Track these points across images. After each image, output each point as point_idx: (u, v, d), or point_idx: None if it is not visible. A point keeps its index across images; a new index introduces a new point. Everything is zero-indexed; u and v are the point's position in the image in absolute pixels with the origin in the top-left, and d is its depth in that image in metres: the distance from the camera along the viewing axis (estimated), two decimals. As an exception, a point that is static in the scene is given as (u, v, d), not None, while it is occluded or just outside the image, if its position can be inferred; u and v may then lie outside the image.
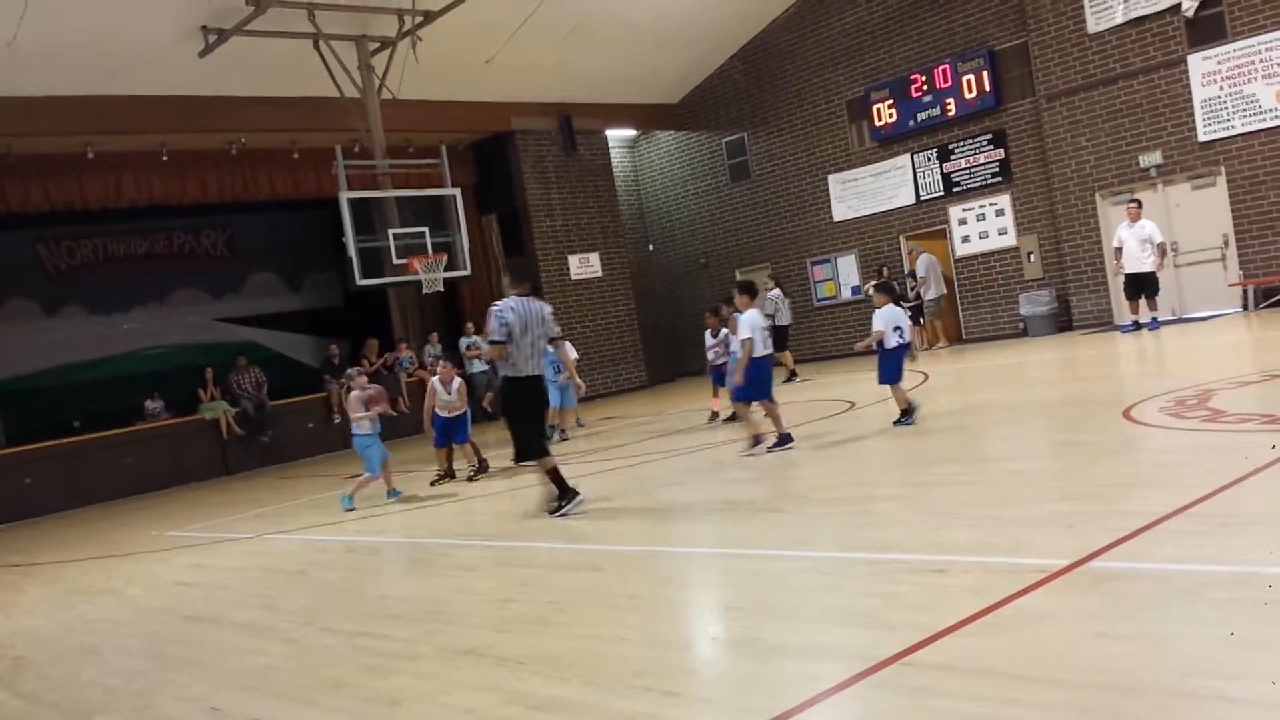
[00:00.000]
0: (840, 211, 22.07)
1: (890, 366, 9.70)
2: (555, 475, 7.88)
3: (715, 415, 12.91)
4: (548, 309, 8.18)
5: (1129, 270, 16.02)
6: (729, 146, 24.04)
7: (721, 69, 23.61)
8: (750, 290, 9.60)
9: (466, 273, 17.04)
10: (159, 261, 21.49)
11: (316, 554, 8.49)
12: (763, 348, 9.37)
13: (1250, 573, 4.04)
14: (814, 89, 22.03)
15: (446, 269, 16.37)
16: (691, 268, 25.09)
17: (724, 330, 12.46)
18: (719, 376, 12.60)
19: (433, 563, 7.34)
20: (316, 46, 16.21)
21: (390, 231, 15.81)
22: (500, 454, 11.34)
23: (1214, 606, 3.76)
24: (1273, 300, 16.07)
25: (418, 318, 22.24)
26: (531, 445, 7.95)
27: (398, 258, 15.80)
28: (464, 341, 19.34)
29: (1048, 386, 12.18)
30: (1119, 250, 16.20)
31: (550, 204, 22.41)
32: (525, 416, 8.02)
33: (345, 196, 15.57)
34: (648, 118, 24.49)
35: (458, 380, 11.48)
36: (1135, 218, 16.10)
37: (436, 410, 11.35)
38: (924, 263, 19.71)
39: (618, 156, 25.51)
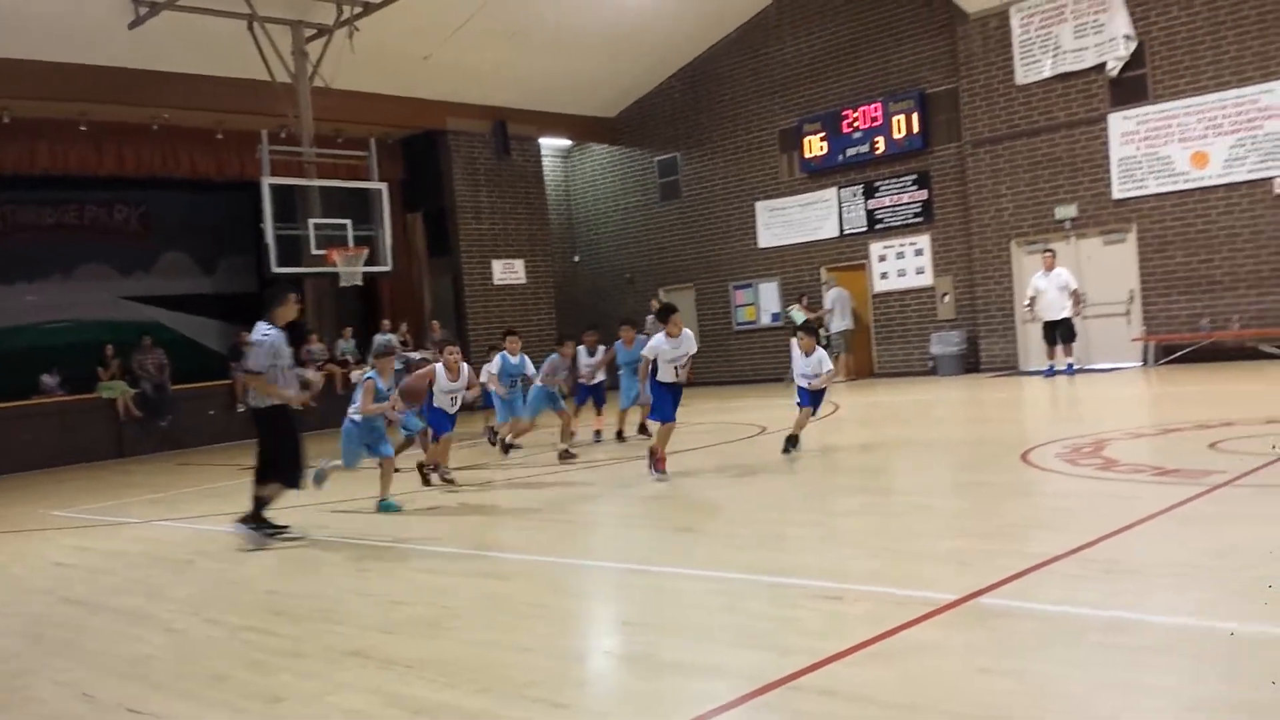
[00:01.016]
0: (766, 238, 22.33)
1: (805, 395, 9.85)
2: (265, 503, 7.75)
3: (600, 434, 12.99)
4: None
5: (1047, 318, 16.46)
6: (661, 165, 24.18)
7: (660, 87, 23.76)
8: (665, 315, 9.26)
9: (387, 269, 16.84)
10: (67, 233, 20.76)
11: (207, 544, 8.27)
12: (671, 376, 9.05)
13: (1129, 619, 4.17)
14: (749, 116, 22.29)
15: (367, 264, 16.16)
16: (617, 282, 25.14)
17: (601, 348, 12.75)
18: (586, 396, 12.82)
19: (327, 560, 7.20)
20: (251, 28, 15.91)
21: (311, 221, 15.56)
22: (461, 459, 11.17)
23: (1094, 649, 3.86)
24: (1172, 357, 16.66)
25: (333, 311, 21.88)
26: (281, 470, 7.71)
27: (317, 248, 15.55)
28: (380, 338, 19.08)
29: (954, 426, 12.45)
30: (1033, 299, 16.64)
31: (478, 206, 22.29)
32: (279, 441, 7.71)
33: (268, 182, 15.29)
34: (583, 129, 24.52)
35: (466, 368, 10.14)
36: (1050, 266, 16.58)
37: (435, 403, 9.93)
38: (832, 296, 20.10)
39: (550, 165, 25.49)
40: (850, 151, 20.58)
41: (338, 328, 20.95)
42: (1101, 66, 17.17)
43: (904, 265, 20.32)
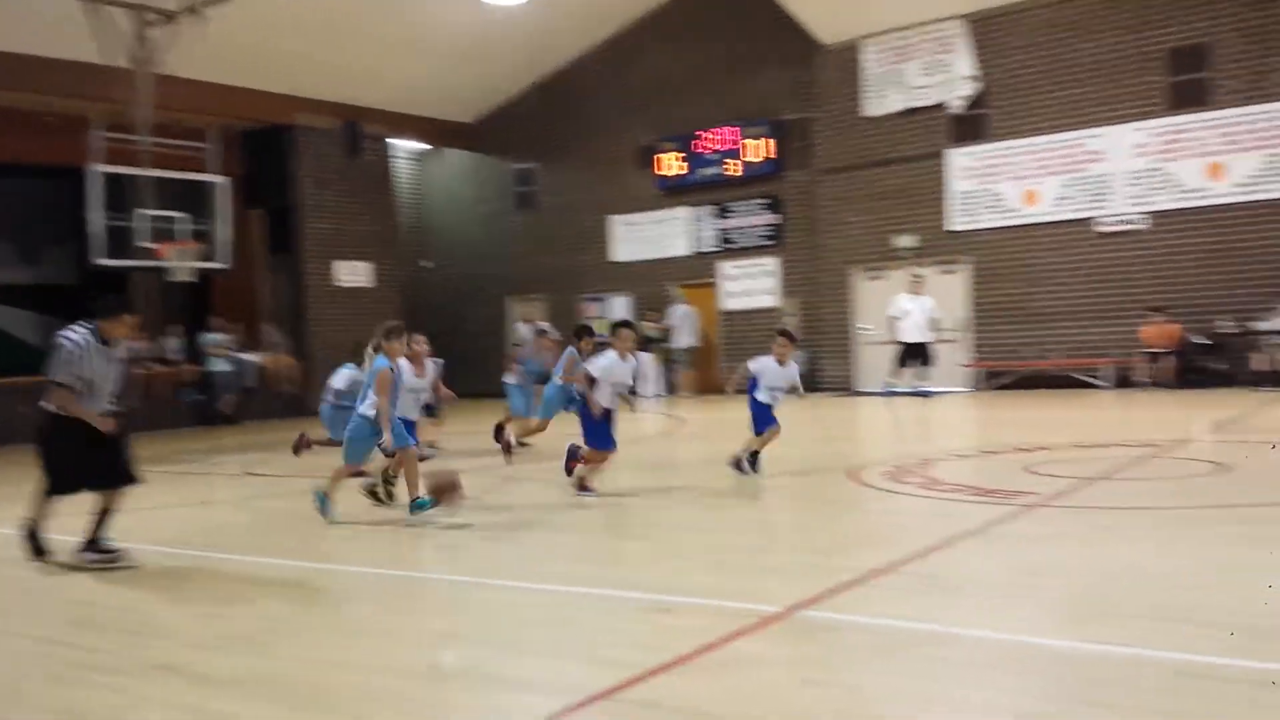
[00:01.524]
0: (620, 253, 22.47)
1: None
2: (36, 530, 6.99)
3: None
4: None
5: (910, 339, 16.97)
6: (518, 175, 24.05)
7: (520, 96, 23.63)
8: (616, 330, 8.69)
9: (224, 266, 16.19)
10: None
11: (10, 550, 7.73)
12: (609, 399, 8.42)
13: (950, 633, 4.31)
14: (608, 130, 22.39)
15: (202, 260, 15.50)
16: (469, 289, 24.82)
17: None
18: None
19: (142, 570, 6.82)
20: (88, 8, 15.08)
21: (142, 213, 14.84)
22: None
23: (916, 662, 3.98)
24: (998, 383, 17.51)
25: (160, 307, 20.86)
26: (56, 481, 7.11)
27: (147, 241, 14.84)
28: (208, 338, 18.34)
29: (791, 443, 12.71)
30: (897, 319, 17.10)
31: (325, 206, 21.63)
32: (61, 454, 7.06)
33: (97, 169, 14.51)
34: (438, 133, 24.17)
35: (432, 364, 9.06)
36: (918, 291, 17.17)
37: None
38: (679, 313, 20.40)
39: (404, 168, 25.03)
40: (705, 172, 20.93)
41: (165, 325, 19.98)
42: (944, 104, 17.97)
43: (752, 286, 20.76)
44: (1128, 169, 16.58)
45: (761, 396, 9.07)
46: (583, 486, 8.39)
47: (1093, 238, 16.91)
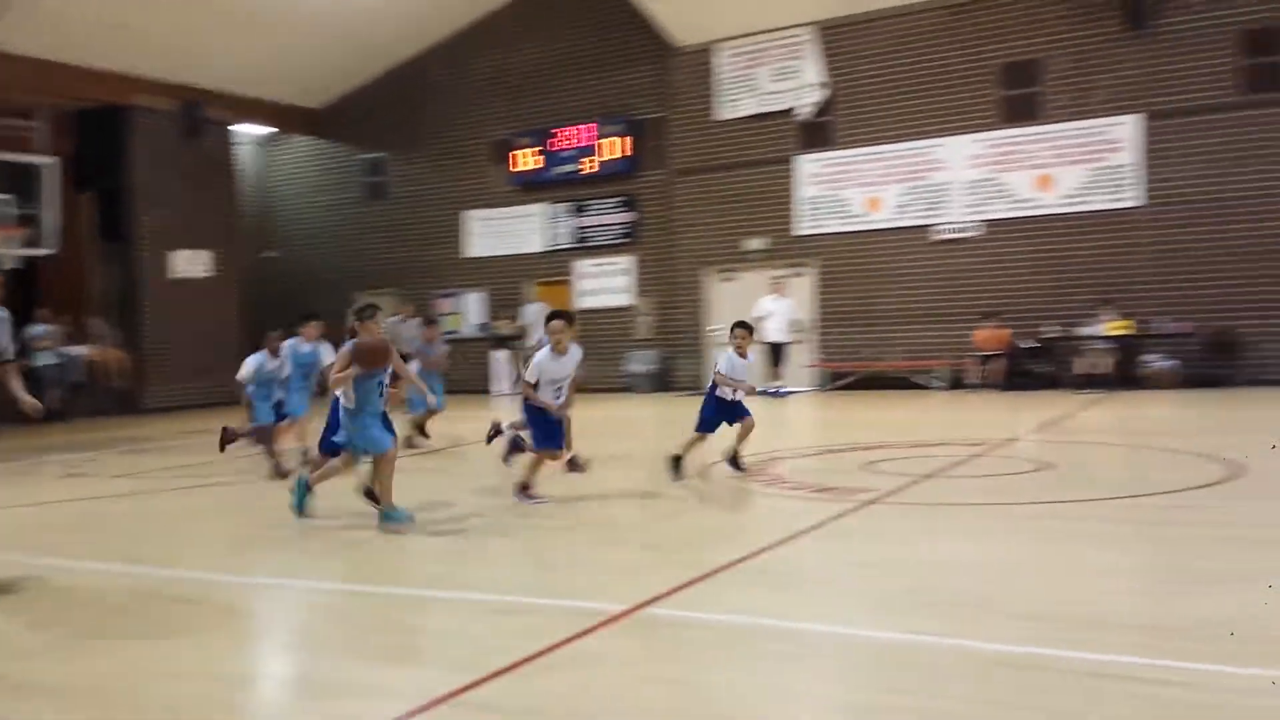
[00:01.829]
0: (474, 248, 22.23)
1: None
2: None
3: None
4: None
5: (770, 340, 17.25)
6: (368, 164, 23.53)
7: (370, 83, 23.10)
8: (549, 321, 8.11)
9: (51, 252, 15.31)
10: None
11: None
12: (550, 396, 8.01)
13: (789, 627, 4.43)
14: (462, 123, 22.13)
15: (27, 246, 14.63)
16: (316, 281, 24.09)
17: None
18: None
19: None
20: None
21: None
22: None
23: (756, 656, 4.07)
24: (840, 383, 18.07)
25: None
26: None
27: (-34, 223, 13.93)
28: (33, 331, 17.31)
29: (642, 441, 12.86)
30: (761, 319, 17.31)
31: (161, 192, 20.55)
32: None
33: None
34: (284, 118, 23.39)
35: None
36: (780, 293, 17.49)
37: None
38: (532, 311, 20.28)
39: (248, 154, 24.15)
40: (562, 169, 20.90)
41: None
42: (794, 110, 18.42)
43: (607, 284, 20.84)
44: (964, 179, 17.36)
45: (723, 393, 8.67)
46: (526, 492, 7.78)
47: (931, 244, 17.63)
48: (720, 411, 8.69)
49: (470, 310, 22.38)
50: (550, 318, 7.96)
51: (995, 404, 15.07)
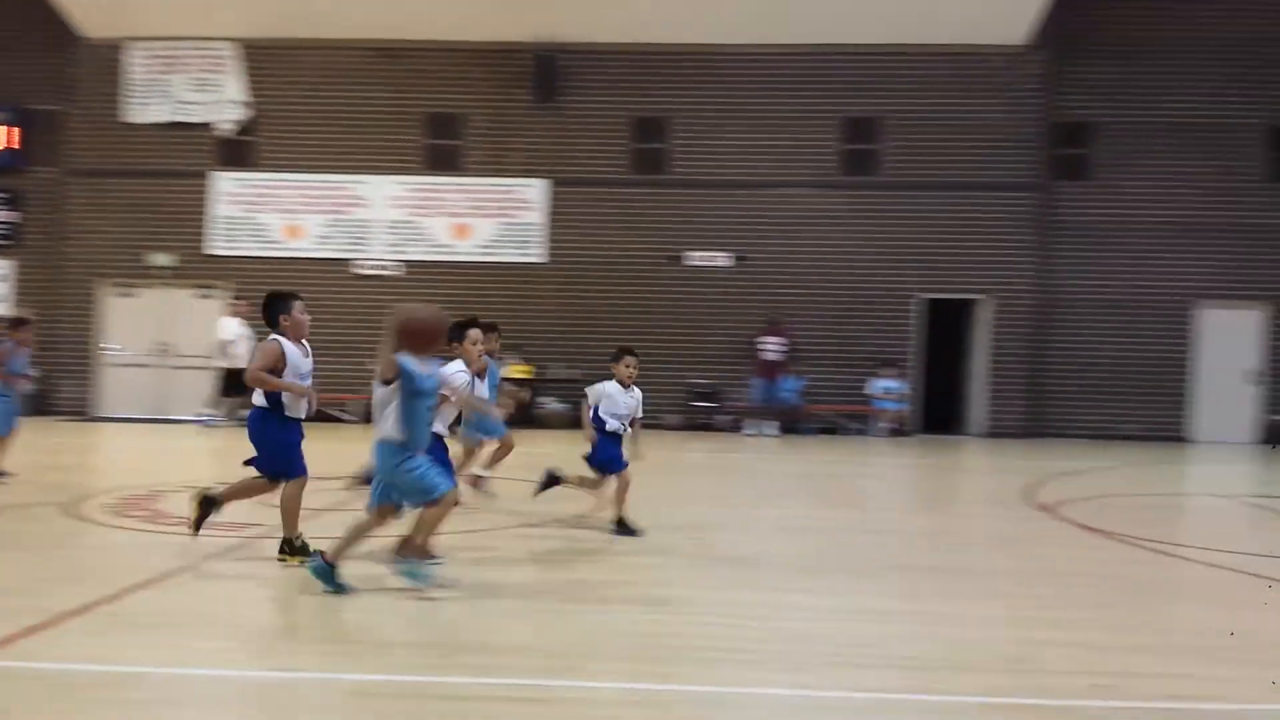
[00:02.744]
0: None
1: None
2: None
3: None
4: None
5: (230, 365, 15.58)
6: None
7: None
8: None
9: None
10: None
11: None
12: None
13: (135, 672, 4.12)
14: None
15: None
16: None
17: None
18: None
19: None
20: None
21: None
22: None
23: (93, 705, 3.75)
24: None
25: None
26: None
27: None
28: None
29: (19, 472, 11.26)
30: (230, 343, 15.68)
31: None
32: None
33: None
34: None
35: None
36: (242, 314, 15.93)
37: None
38: None
39: None
40: (-79, 152, 17.80)
41: None
42: (213, 124, 17.52)
43: (-20, 290, 18.09)
44: (386, 218, 17.68)
45: (611, 426, 7.66)
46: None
47: (352, 278, 17.67)
48: (609, 448, 7.70)
49: None
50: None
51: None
